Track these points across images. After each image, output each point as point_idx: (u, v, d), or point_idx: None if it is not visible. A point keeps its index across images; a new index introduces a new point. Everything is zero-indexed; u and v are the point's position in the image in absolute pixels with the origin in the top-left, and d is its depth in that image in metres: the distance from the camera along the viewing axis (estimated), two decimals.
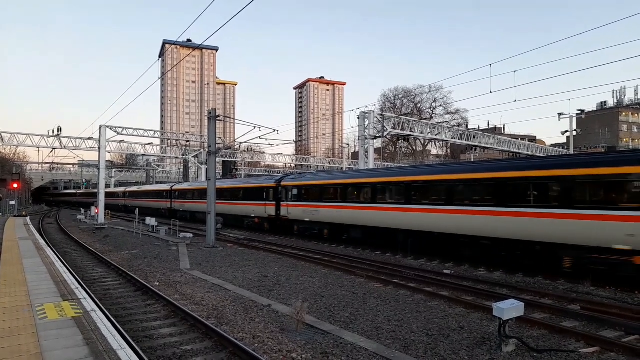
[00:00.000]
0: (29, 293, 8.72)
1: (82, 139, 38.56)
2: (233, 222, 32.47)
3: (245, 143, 51.28)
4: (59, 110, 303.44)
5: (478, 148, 57.94)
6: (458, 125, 58.66)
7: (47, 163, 76.43)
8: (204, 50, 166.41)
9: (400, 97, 77.49)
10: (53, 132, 37.13)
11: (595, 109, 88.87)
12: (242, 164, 69.14)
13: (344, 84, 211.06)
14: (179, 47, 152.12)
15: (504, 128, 78.68)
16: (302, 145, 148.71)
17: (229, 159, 54.26)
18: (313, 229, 24.15)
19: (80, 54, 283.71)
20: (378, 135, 30.61)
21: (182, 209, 41.79)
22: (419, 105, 76.77)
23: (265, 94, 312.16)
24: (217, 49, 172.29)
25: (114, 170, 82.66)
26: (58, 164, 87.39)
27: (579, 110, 44.42)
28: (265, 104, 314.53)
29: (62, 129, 37.07)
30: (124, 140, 41.72)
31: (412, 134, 34.82)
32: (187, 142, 50.31)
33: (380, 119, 30.75)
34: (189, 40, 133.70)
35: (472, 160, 53.55)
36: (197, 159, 48.60)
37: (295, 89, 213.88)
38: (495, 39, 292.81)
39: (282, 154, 59.20)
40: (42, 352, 5.42)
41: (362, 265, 15.48)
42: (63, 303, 7.92)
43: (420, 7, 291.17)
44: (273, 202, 27.11)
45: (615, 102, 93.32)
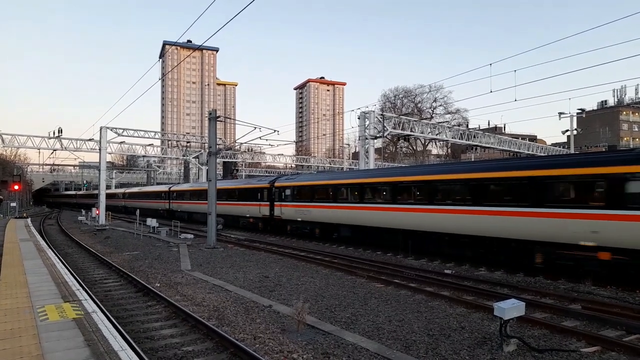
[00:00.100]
0: (30, 294, 8.72)
1: (82, 141, 38.71)
2: (229, 222, 32.89)
3: (246, 144, 51.27)
4: (60, 111, 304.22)
5: (478, 148, 57.96)
6: (458, 125, 58.61)
7: (47, 164, 76.73)
8: (204, 51, 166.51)
9: (401, 97, 77.56)
10: (54, 133, 37.33)
11: (596, 108, 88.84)
12: (242, 165, 69.17)
13: (344, 84, 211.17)
14: (179, 47, 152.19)
15: (505, 127, 78.68)
16: (302, 146, 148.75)
17: (230, 160, 54.32)
18: (305, 229, 24.54)
19: (81, 55, 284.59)
20: (378, 135, 30.64)
21: (180, 210, 42.22)
22: (419, 105, 76.83)
23: (266, 95, 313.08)
24: (217, 50, 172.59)
25: (115, 172, 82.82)
26: (59, 166, 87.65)
27: (580, 110, 44.55)
28: (266, 105, 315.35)
29: (62, 131, 37.25)
30: (125, 142, 41.87)
31: (412, 134, 34.86)
32: (187, 142, 50.45)
33: (381, 119, 30.77)
34: (189, 41, 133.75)
35: (451, 162, 53.75)
36: (197, 160, 48.68)
37: (296, 89, 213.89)
38: (495, 39, 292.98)
39: (282, 155, 59.34)
40: (43, 353, 5.43)
41: (362, 266, 15.49)
42: (64, 304, 7.92)
43: (420, 7, 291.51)
44: (267, 202, 27.44)
45: (616, 101, 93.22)
